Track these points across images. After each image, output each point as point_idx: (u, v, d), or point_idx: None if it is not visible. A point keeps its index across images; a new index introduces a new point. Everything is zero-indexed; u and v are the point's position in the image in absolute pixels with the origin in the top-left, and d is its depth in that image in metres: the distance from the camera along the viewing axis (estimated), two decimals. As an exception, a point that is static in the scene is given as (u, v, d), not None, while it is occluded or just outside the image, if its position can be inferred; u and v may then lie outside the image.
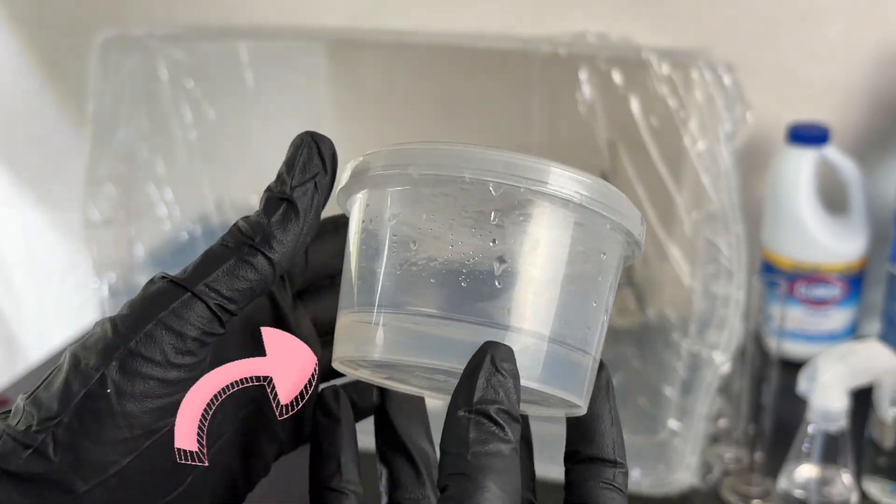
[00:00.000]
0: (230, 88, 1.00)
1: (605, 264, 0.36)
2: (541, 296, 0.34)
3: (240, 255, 0.35)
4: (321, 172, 0.37)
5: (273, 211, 0.36)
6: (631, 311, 0.98)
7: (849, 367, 0.75)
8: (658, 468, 0.83)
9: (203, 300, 0.35)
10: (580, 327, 0.35)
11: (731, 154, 0.80)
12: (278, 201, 0.36)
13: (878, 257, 1.00)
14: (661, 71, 0.82)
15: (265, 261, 0.36)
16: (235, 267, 0.35)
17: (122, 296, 1.01)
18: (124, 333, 0.34)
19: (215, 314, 0.35)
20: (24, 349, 1.21)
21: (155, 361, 0.34)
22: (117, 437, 0.34)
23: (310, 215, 0.37)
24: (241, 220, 0.37)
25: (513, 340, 0.33)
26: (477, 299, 0.33)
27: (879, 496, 0.81)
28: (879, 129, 1.03)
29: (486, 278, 0.33)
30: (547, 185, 0.34)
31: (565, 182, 0.34)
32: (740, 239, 0.80)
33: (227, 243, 0.36)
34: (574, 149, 0.95)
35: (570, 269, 0.34)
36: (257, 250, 0.36)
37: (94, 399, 0.34)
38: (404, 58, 1.04)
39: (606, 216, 0.35)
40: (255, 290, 0.36)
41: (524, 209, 0.34)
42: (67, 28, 1.20)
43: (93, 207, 0.98)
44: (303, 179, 0.37)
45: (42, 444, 0.33)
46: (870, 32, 1.00)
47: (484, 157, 0.34)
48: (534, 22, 1.04)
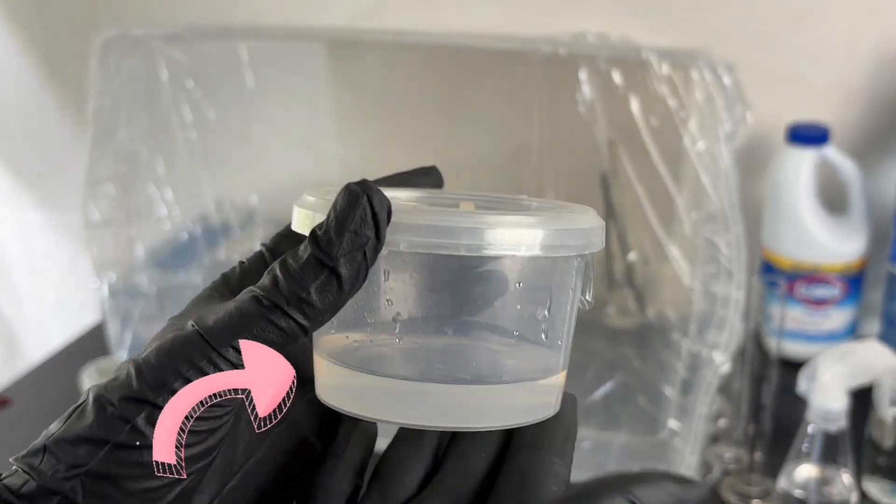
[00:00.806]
0: (230, 88, 1.00)
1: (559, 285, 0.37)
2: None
3: (271, 318, 0.34)
4: (372, 240, 0.33)
5: (314, 277, 0.33)
6: (631, 311, 0.98)
7: (849, 367, 0.75)
8: (658, 468, 0.83)
9: (230, 361, 0.34)
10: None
11: (731, 154, 0.80)
12: (321, 266, 0.33)
13: (877, 257, 1.00)
14: (661, 71, 0.82)
15: (297, 327, 0.34)
16: (265, 330, 0.34)
17: (122, 296, 1.01)
18: (151, 386, 0.33)
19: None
20: (24, 349, 1.21)
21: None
22: (146, 486, 0.33)
23: (354, 287, 0.34)
24: (281, 269, 0.34)
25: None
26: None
27: (879, 496, 0.81)
28: (879, 129, 1.03)
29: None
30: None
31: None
32: (740, 239, 0.80)
33: (262, 299, 0.34)
34: (574, 149, 0.95)
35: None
36: (289, 316, 0.34)
37: (123, 450, 0.33)
38: (404, 58, 1.04)
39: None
40: (282, 351, 0.34)
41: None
42: (67, 28, 1.20)
43: (93, 207, 0.98)
44: (351, 248, 0.33)
45: (71, 490, 0.33)
46: (870, 32, 1.00)
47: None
48: (534, 22, 1.04)
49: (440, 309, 0.35)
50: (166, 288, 1.02)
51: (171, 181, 1.00)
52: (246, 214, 1.04)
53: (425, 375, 0.35)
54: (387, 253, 0.34)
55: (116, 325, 1.01)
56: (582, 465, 0.85)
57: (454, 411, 0.35)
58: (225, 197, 1.03)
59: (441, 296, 0.35)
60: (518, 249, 0.34)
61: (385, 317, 0.35)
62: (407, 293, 0.35)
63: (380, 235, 0.33)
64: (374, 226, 0.33)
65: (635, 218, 0.91)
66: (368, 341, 0.36)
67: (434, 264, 0.34)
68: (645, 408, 0.89)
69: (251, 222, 1.04)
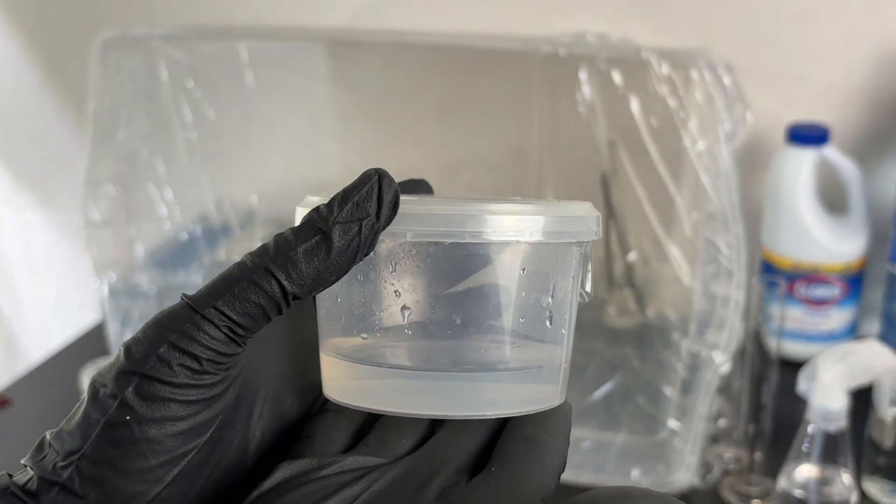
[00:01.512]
0: (230, 88, 1.00)
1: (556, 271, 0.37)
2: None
3: (254, 277, 0.33)
4: (372, 218, 0.34)
5: (305, 238, 0.33)
6: (631, 311, 0.98)
7: (848, 367, 0.75)
8: (658, 468, 0.83)
9: (213, 322, 0.33)
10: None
11: (731, 154, 0.80)
12: (314, 230, 0.34)
13: (877, 257, 1.00)
14: (661, 71, 0.82)
15: (278, 288, 0.33)
16: (247, 290, 0.33)
17: (122, 296, 1.01)
18: (138, 358, 0.33)
19: (228, 336, 0.34)
20: (24, 349, 1.21)
21: (172, 384, 0.33)
22: (143, 465, 0.33)
23: (342, 257, 0.34)
24: (276, 237, 0.34)
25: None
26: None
27: (879, 496, 0.81)
28: (879, 129, 1.03)
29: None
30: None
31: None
32: (740, 239, 0.80)
33: (247, 262, 0.34)
34: (574, 149, 0.95)
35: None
36: (272, 276, 0.33)
37: (115, 428, 0.33)
38: (404, 58, 1.04)
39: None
40: (267, 314, 0.34)
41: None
42: (67, 28, 1.20)
43: (93, 207, 0.98)
44: (349, 217, 0.34)
45: (68, 479, 0.33)
46: (870, 32, 1.00)
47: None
48: (534, 22, 1.04)
49: (448, 299, 0.35)
50: (166, 288, 1.02)
51: (171, 181, 1.00)
52: (246, 214, 1.04)
53: (433, 365, 0.35)
54: (393, 245, 0.35)
55: (116, 326, 1.01)
56: (582, 465, 0.85)
57: (462, 400, 0.35)
58: (225, 197, 1.03)
59: (448, 285, 0.35)
60: (522, 235, 0.35)
61: (394, 309, 0.35)
62: (415, 284, 0.35)
63: (381, 215, 0.34)
64: (377, 204, 0.34)
65: (635, 218, 0.92)
66: (378, 334, 0.36)
67: (440, 253, 0.35)
68: (645, 408, 0.89)
69: (251, 222, 1.04)
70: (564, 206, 0.37)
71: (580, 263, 0.38)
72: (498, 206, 0.35)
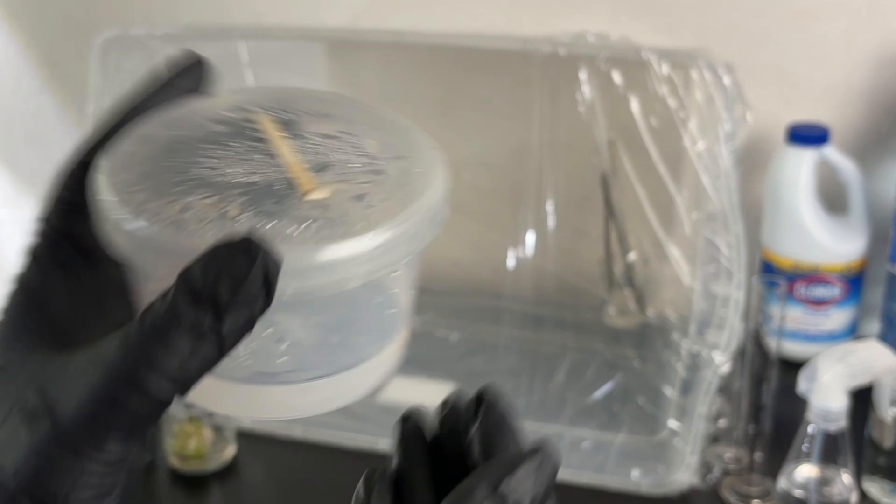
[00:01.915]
0: (230, 88, 1.00)
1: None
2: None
3: (135, 395, 0.29)
4: (261, 304, 0.29)
5: (186, 345, 0.28)
6: (631, 311, 0.98)
7: (848, 367, 0.75)
8: (658, 468, 0.83)
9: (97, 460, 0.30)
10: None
11: (731, 154, 0.80)
12: (198, 334, 0.28)
13: (877, 257, 1.00)
14: (660, 71, 0.83)
15: (168, 394, 0.29)
16: (126, 399, 0.29)
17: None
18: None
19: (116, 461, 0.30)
20: (24, 349, 1.21)
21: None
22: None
23: (233, 348, 0.29)
24: (144, 329, 0.29)
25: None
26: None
27: (879, 496, 0.81)
28: (879, 129, 1.03)
29: None
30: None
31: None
32: (740, 239, 0.80)
33: (123, 374, 0.29)
34: (574, 149, 0.95)
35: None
36: (155, 388, 0.29)
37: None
38: (404, 58, 1.04)
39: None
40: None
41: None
42: (67, 28, 1.20)
43: (93, 207, 0.98)
44: (236, 324, 0.29)
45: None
46: (870, 32, 1.00)
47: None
48: (534, 22, 1.04)
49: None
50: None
51: (171, 181, 1.00)
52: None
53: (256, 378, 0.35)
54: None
55: (116, 325, 1.01)
56: (582, 465, 0.85)
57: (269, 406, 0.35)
58: (225, 197, 1.03)
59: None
60: (385, 269, 0.32)
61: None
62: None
63: (270, 294, 0.29)
64: (265, 290, 0.29)
65: (635, 218, 0.92)
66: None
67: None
68: (645, 408, 0.89)
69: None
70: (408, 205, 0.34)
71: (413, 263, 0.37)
72: (362, 249, 0.31)
